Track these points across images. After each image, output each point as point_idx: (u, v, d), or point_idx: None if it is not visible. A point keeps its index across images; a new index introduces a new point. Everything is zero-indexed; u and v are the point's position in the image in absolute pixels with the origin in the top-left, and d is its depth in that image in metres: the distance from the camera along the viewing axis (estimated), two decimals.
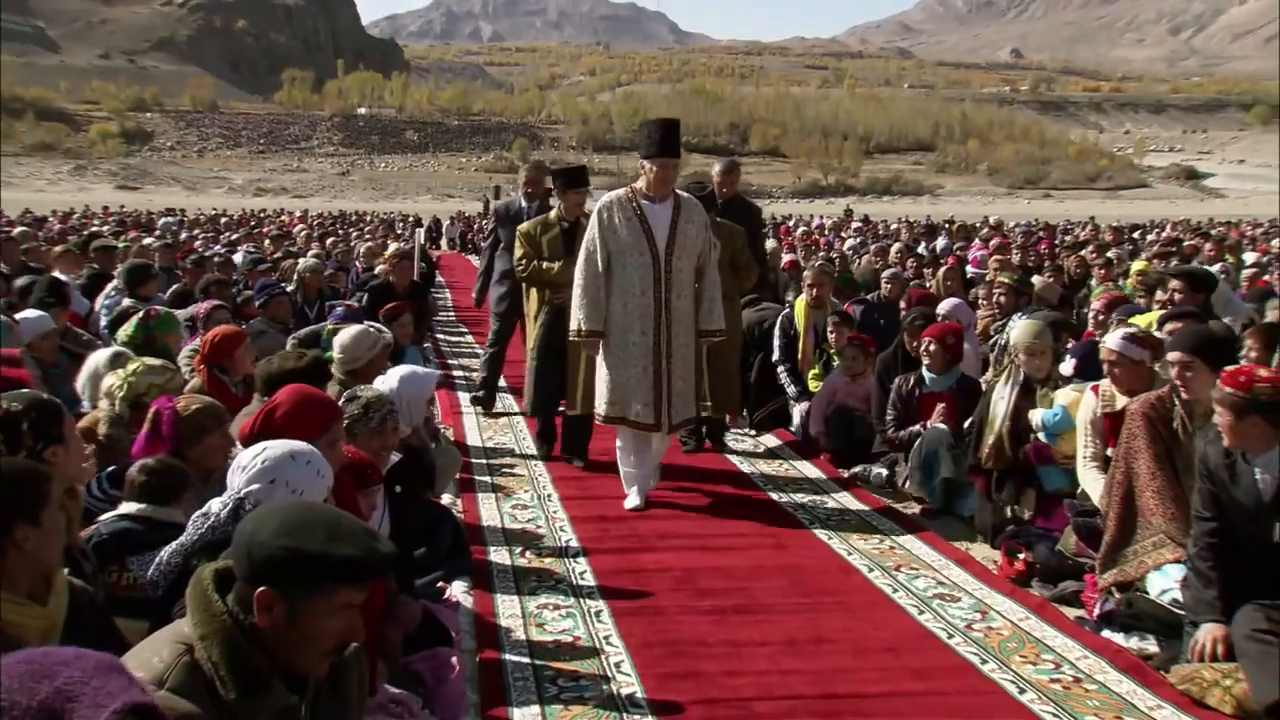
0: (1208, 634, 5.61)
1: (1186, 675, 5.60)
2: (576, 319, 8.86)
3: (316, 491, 4.19)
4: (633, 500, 8.91)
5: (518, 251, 10.41)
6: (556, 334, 9.97)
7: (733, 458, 10.67)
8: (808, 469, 10.26)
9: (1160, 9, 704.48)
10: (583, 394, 9.75)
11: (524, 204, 12.34)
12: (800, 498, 9.30)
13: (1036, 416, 7.89)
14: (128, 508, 4.84)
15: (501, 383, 13.21)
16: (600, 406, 9.01)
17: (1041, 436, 7.84)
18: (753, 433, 11.71)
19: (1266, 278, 16.56)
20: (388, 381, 7.13)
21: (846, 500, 9.27)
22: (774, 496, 9.36)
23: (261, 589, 2.88)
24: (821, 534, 8.30)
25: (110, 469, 5.56)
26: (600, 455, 9.94)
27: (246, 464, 4.26)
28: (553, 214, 10.61)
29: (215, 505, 4.30)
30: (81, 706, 1.72)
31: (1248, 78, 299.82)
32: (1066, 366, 8.89)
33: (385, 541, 3.14)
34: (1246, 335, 8.18)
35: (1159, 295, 10.62)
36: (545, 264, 10.21)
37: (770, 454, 10.88)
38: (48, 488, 3.60)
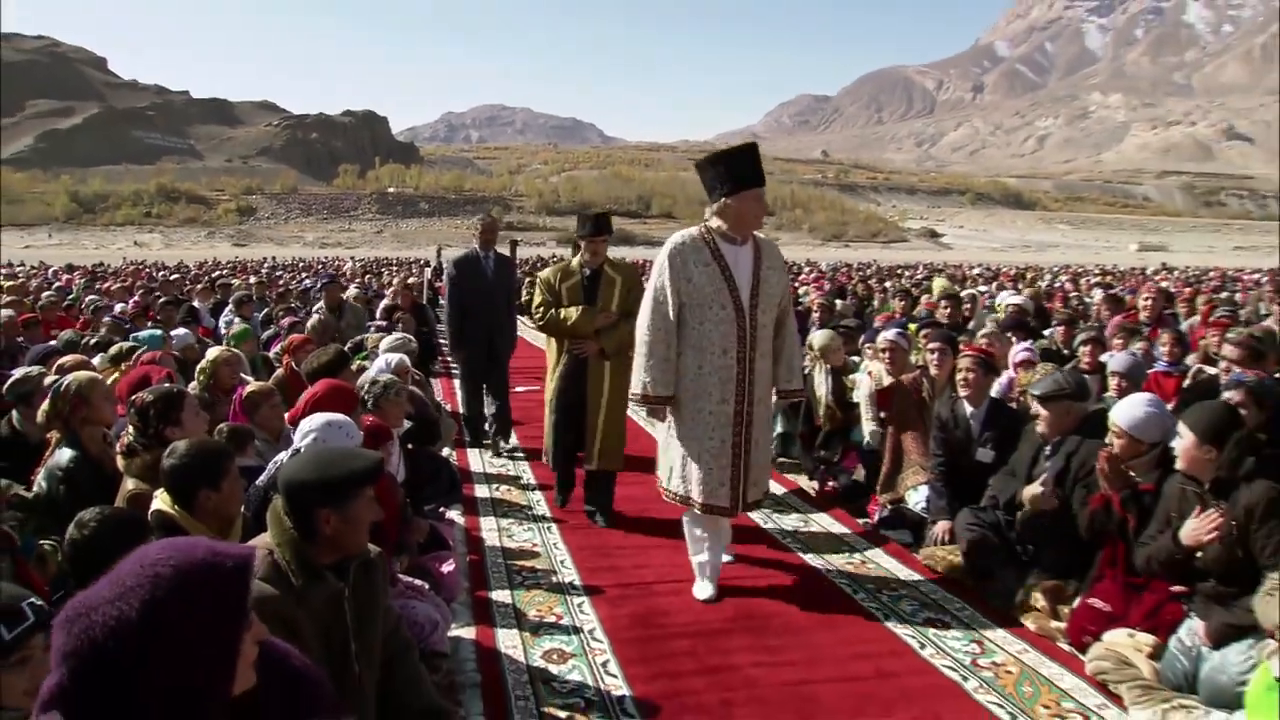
0: (940, 527, 5.96)
1: (928, 554, 5.93)
2: (641, 380, 5.33)
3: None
4: (704, 591, 5.42)
5: (536, 299, 7.05)
6: (576, 386, 6.87)
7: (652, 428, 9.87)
8: None
9: (910, 130, 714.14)
10: (600, 448, 6.80)
11: (480, 252, 9.14)
12: None
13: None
14: None
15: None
16: (668, 481, 5.50)
17: None
18: None
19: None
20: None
21: None
22: None
23: (322, 510, 2.94)
24: None
25: None
26: (620, 506, 7.06)
27: (303, 428, 4.25)
28: (574, 261, 7.12)
29: (283, 456, 4.37)
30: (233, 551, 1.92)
31: (961, 175, 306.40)
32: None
33: (374, 453, 3.24)
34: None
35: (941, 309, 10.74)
36: (563, 312, 6.87)
37: None
38: (226, 462, 3.65)
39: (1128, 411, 4.91)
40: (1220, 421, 4.28)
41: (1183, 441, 4.28)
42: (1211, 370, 7.10)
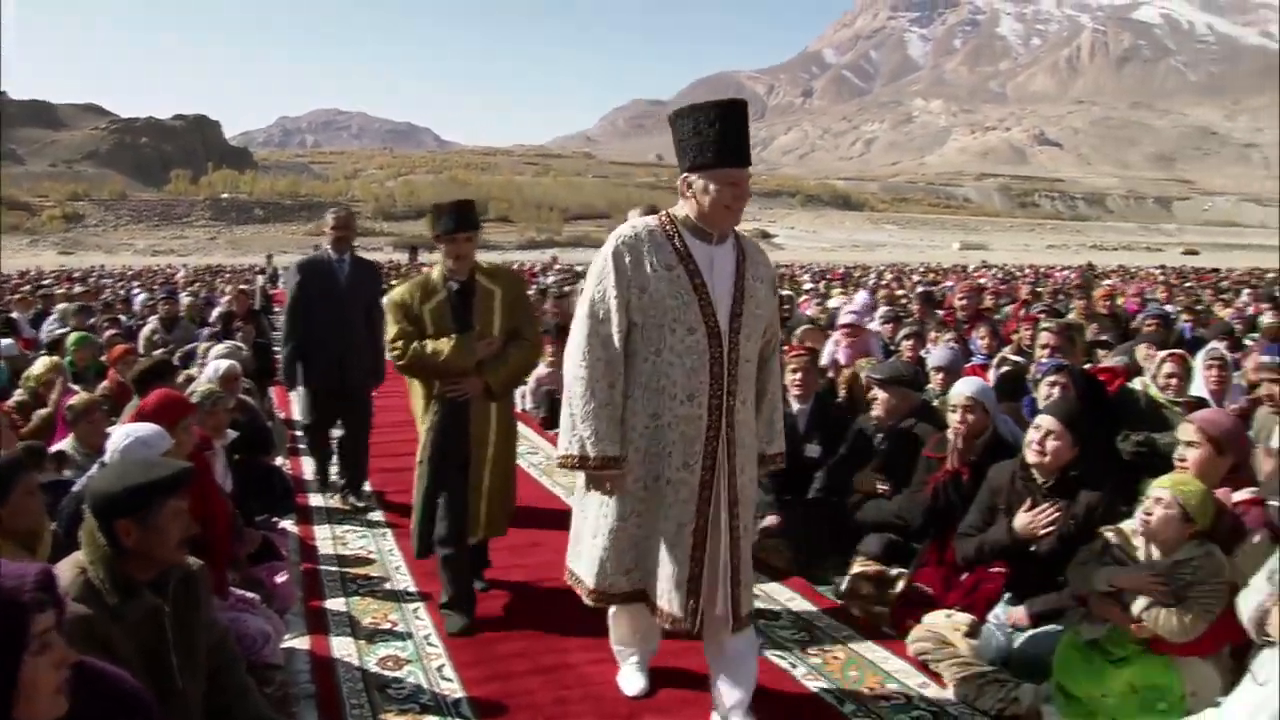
0: (768, 521, 5.91)
1: (757, 548, 5.84)
2: (576, 436, 3.61)
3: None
4: (632, 683, 4.19)
5: (391, 330, 5.12)
6: (454, 438, 5.02)
7: None
8: (529, 432, 9.99)
9: None
10: (487, 513, 5.10)
11: (333, 255, 7.28)
12: (528, 453, 9.08)
13: None
14: None
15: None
16: (588, 575, 3.76)
17: None
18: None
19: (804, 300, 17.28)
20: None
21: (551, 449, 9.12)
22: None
23: (120, 521, 2.85)
24: (532, 471, 8.27)
25: None
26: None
27: (111, 442, 4.14)
28: (434, 272, 5.19)
29: (95, 469, 4.23)
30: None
31: (792, 178, 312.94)
32: None
33: (180, 463, 3.20)
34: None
35: None
36: (430, 345, 4.97)
37: None
38: (11, 476, 3.48)
39: (970, 385, 5.23)
40: (1080, 418, 4.51)
41: (1058, 440, 4.38)
42: (1017, 359, 7.48)
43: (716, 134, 3.47)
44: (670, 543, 3.60)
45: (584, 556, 3.80)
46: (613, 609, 4.00)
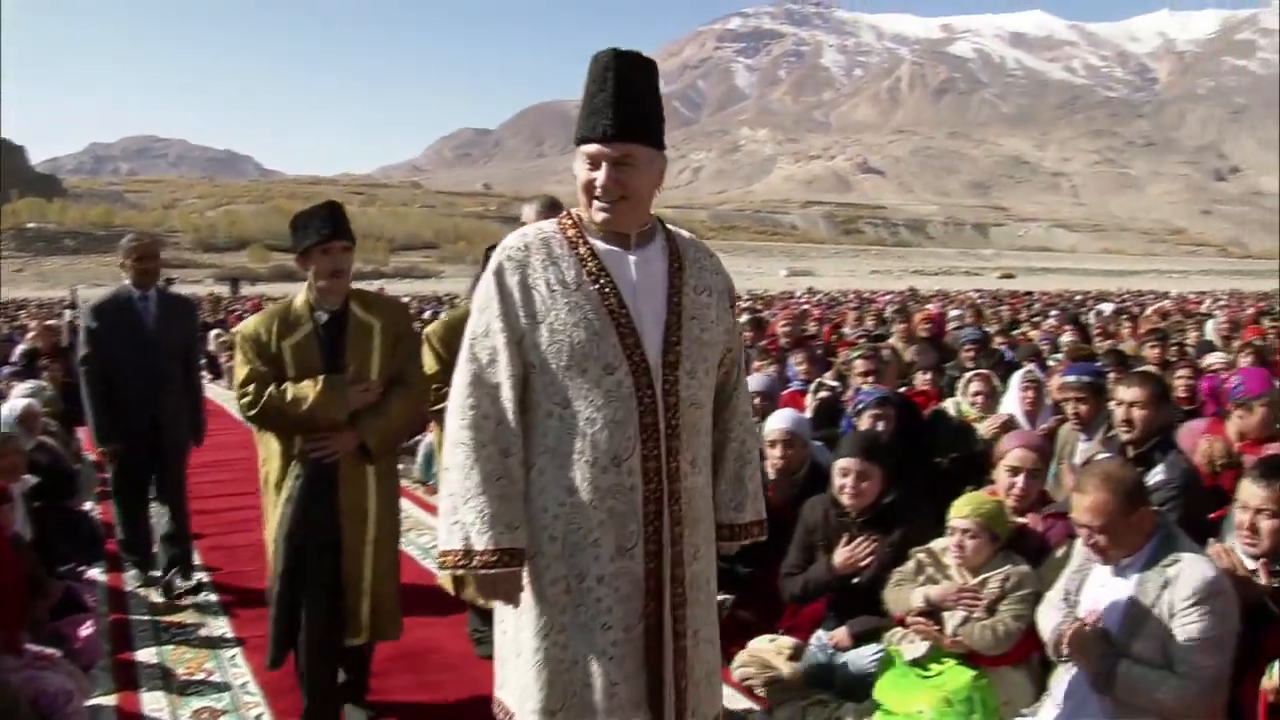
0: None
1: None
2: (458, 523, 2.52)
3: None
4: None
5: (240, 371, 4.02)
6: (315, 512, 3.91)
7: None
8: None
9: (571, 163, 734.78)
10: (371, 610, 4.07)
11: (135, 290, 6.04)
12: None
13: None
14: None
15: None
16: (523, 707, 2.62)
17: None
18: None
19: None
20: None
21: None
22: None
23: None
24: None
25: None
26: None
27: None
28: (298, 299, 4.08)
29: None
30: None
31: None
32: None
33: None
34: None
35: None
36: (291, 389, 3.89)
37: None
38: None
39: (784, 419, 5.38)
40: (879, 446, 4.68)
41: (865, 479, 4.48)
42: (834, 385, 7.73)
43: (587, 97, 2.64)
44: (616, 655, 2.60)
45: (511, 682, 2.73)
46: None
